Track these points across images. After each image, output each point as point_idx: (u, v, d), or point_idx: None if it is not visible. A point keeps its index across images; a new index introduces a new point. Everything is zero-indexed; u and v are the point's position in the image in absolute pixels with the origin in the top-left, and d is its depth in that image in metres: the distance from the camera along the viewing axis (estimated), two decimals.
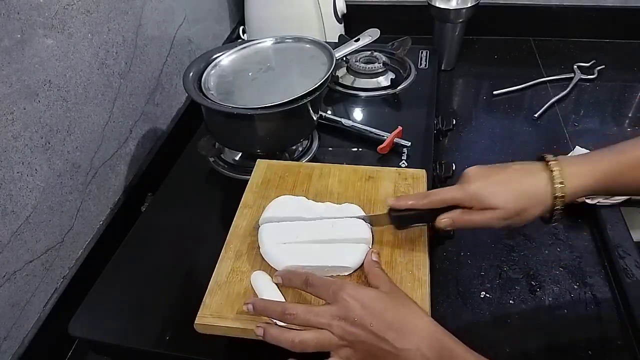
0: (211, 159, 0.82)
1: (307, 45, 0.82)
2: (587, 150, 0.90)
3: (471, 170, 0.53)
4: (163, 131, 1.00)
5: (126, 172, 0.88)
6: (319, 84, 0.71)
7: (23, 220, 0.64)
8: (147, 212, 0.75)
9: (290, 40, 0.84)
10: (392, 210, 0.55)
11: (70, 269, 0.75)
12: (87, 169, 0.76)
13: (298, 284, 0.50)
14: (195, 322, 0.49)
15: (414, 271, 0.53)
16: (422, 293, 0.51)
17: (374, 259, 0.53)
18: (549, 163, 0.51)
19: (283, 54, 0.83)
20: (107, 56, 0.79)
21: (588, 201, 0.84)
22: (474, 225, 0.52)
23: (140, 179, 0.90)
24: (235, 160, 0.83)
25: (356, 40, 0.95)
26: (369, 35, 0.95)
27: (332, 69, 0.74)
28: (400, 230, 0.58)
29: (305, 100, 0.70)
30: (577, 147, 0.91)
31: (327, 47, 0.79)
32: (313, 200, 0.61)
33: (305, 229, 0.56)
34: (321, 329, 0.46)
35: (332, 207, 0.59)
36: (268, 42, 0.84)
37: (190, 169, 0.83)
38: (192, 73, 0.77)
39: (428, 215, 0.54)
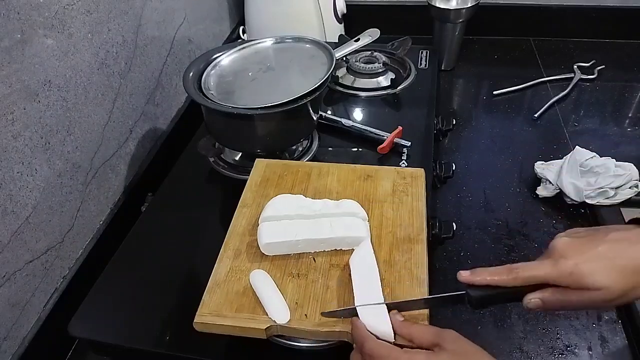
0: (211, 159, 0.83)
1: (307, 45, 0.82)
2: (588, 150, 0.90)
3: (561, 242, 0.44)
4: (163, 131, 1.00)
5: (126, 172, 0.88)
6: (319, 84, 0.71)
7: (23, 220, 0.64)
8: (147, 212, 0.75)
9: (290, 40, 0.84)
10: (468, 287, 0.46)
11: (70, 269, 0.75)
12: (87, 169, 0.76)
13: (357, 342, 0.46)
14: (195, 320, 0.49)
15: (413, 269, 0.53)
16: (420, 292, 0.50)
17: (400, 318, 0.47)
18: None
19: (283, 54, 0.83)
20: (107, 56, 0.79)
21: (588, 201, 0.84)
22: (570, 308, 0.44)
23: (140, 179, 0.90)
24: (235, 160, 0.83)
25: (356, 40, 0.95)
26: (369, 35, 0.95)
27: (332, 69, 0.74)
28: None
29: (305, 100, 0.70)
30: (577, 147, 0.91)
31: (327, 47, 0.80)
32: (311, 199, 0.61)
33: (304, 227, 0.56)
34: None
35: (329, 203, 0.59)
36: (268, 42, 0.84)
37: (190, 169, 0.83)
38: (192, 73, 0.77)
39: (512, 294, 0.45)
